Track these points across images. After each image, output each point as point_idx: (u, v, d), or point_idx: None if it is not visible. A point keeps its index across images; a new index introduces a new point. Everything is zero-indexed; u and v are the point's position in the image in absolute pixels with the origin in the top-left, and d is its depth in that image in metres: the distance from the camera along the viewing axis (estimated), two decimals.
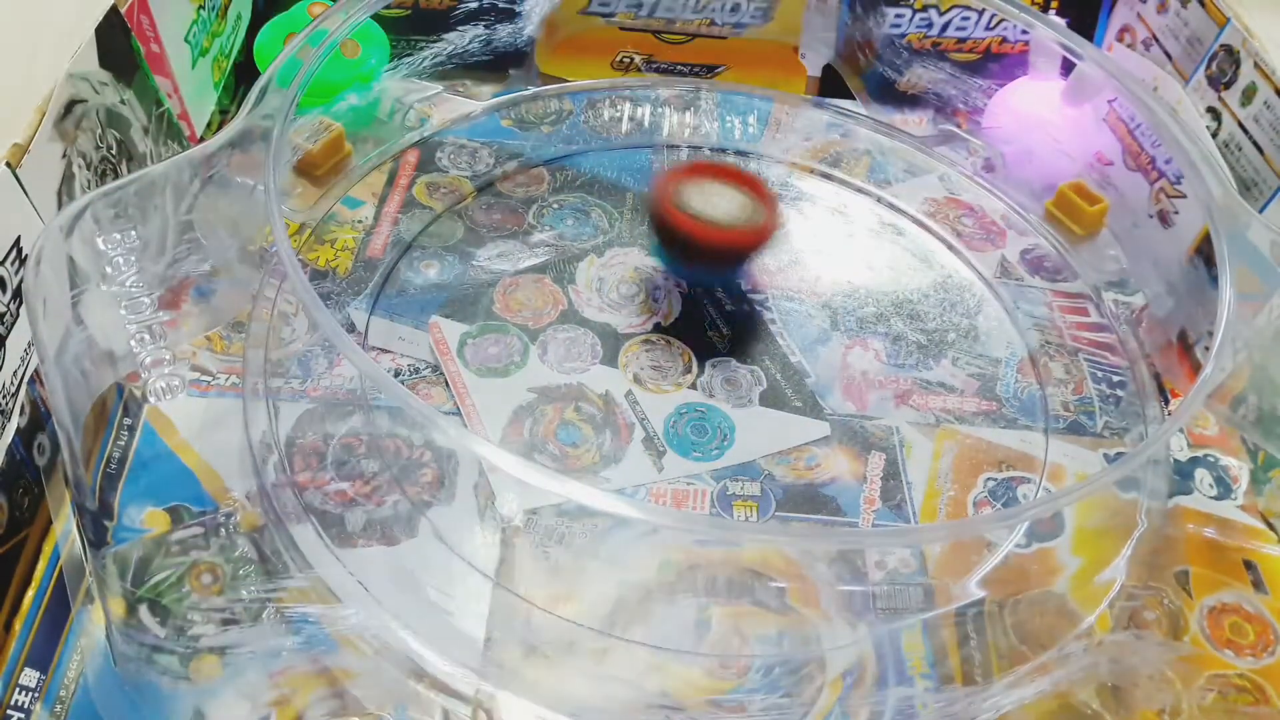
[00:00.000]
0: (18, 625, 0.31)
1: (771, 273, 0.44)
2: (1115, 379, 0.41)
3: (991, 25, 0.51)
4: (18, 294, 0.32)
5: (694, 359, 0.40)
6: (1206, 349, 0.37)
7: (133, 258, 0.31)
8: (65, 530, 0.32)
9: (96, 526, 0.32)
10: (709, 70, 0.53)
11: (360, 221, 0.44)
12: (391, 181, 0.46)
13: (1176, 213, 0.44)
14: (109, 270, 0.31)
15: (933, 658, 0.32)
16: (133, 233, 0.31)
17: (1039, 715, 0.31)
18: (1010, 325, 0.43)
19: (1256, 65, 0.44)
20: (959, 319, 0.43)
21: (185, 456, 0.35)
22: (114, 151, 0.38)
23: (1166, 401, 0.41)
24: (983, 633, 0.33)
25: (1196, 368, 0.41)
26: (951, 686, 0.32)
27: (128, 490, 0.34)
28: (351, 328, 0.40)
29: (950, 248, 0.46)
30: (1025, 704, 0.31)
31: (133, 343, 0.30)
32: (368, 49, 0.47)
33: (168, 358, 0.30)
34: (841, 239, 0.46)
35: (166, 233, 0.32)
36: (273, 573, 0.32)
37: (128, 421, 0.35)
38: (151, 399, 0.30)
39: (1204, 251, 0.42)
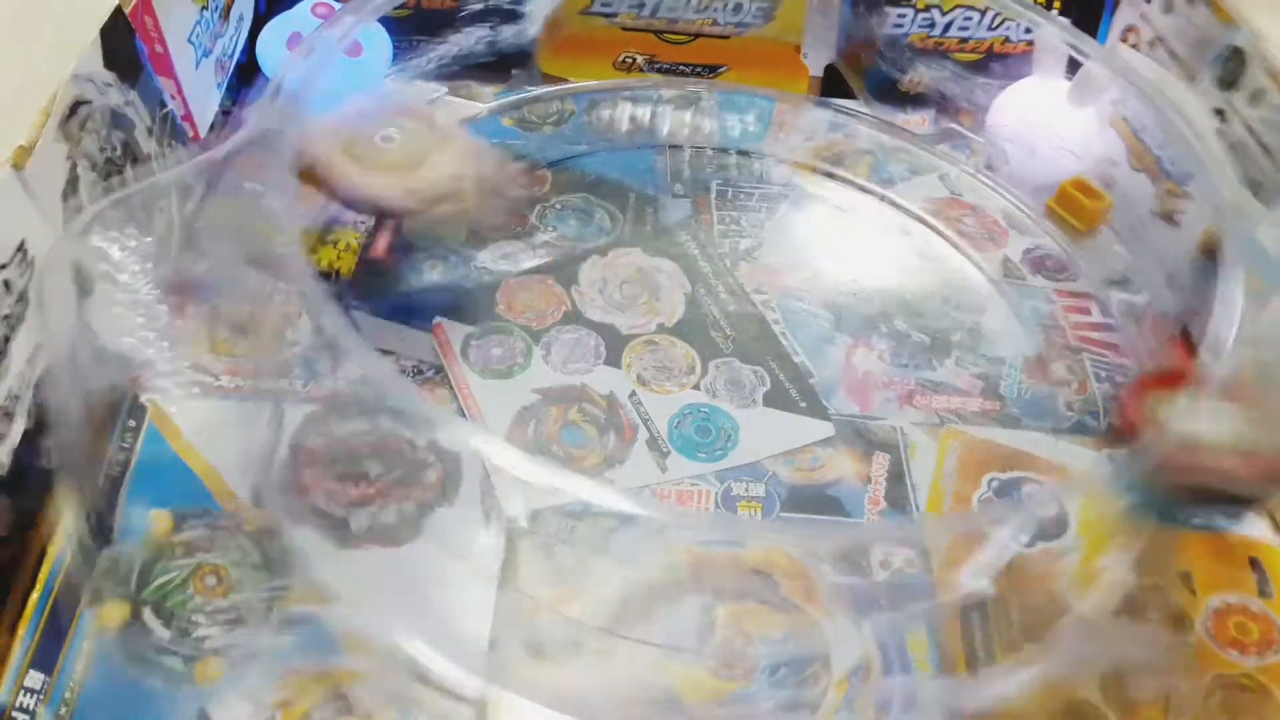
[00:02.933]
0: (22, 628, 0.31)
1: (775, 272, 0.44)
2: (1119, 379, 0.41)
3: (994, 25, 0.51)
4: (23, 297, 0.32)
5: (697, 359, 0.40)
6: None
7: (140, 262, 0.31)
8: (69, 532, 0.32)
9: (101, 528, 0.32)
10: (711, 70, 0.53)
11: (363, 222, 0.44)
12: None
13: (1183, 213, 0.44)
14: (116, 274, 0.31)
15: (937, 654, 0.32)
16: (141, 238, 0.31)
17: (1042, 709, 0.31)
18: (1014, 325, 0.43)
19: (1265, 67, 0.43)
20: (963, 319, 0.43)
21: (189, 459, 0.34)
22: (118, 153, 0.38)
23: None
24: (986, 629, 0.33)
25: None
26: (955, 682, 0.32)
27: (132, 492, 0.33)
28: (355, 329, 0.40)
29: (954, 247, 0.46)
30: (1028, 698, 0.31)
31: (139, 346, 0.30)
32: (371, 50, 0.47)
33: (173, 361, 0.30)
34: (844, 239, 0.46)
35: (173, 236, 0.32)
36: (277, 575, 0.32)
37: (132, 424, 0.35)
38: (160, 401, 0.30)
39: (1209, 250, 0.42)
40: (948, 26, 0.51)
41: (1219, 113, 0.46)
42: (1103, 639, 0.32)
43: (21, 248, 0.32)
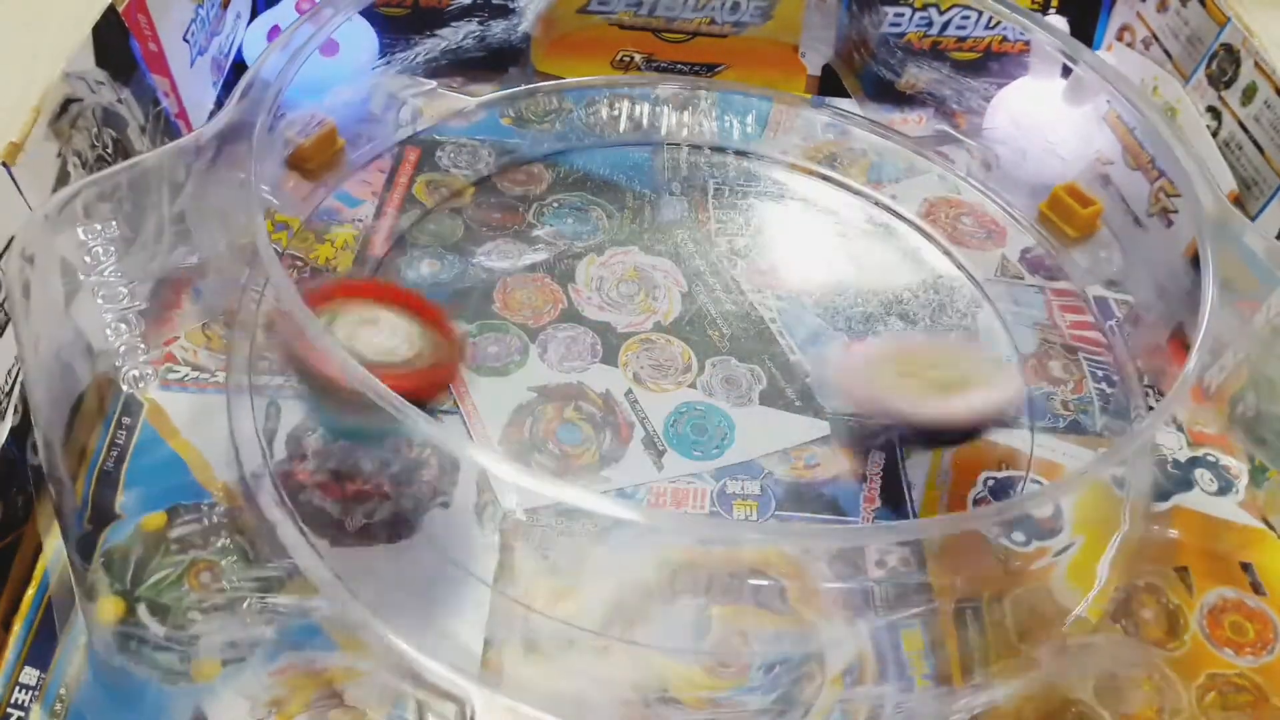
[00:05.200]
0: (17, 624, 0.30)
1: (771, 271, 0.44)
2: (1114, 378, 0.41)
3: (991, 24, 0.51)
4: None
5: (694, 358, 0.40)
6: None
7: (112, 248, 0.31)
8: (63, 529, 0.32)
9: (95, 524, 0.32)
10: (709, 69, 0.53)
11: (360, 220, 0.44)
12: (391, 180, 0.46)
13: (1176, 212, 0.44)
14: (88, 260, 0.30)
15: (931, 654, 0.32)
16: (113, 223, 0.31)
17: (1036, 711, 0.31)
18: (1009, 325, 0.43)
19: (1257, 64, 0.44)
20: (957, 319, 0.43)
21: (185, 454, 0.34)
22: (110, 150, 0.37)
23: None
24: (980, 629, 0.33)
25: None
26: (949, 683, 0.32)
27: (127, 488, 0.33)
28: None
29: (947, 250, 0.46)
30: (1022, 700, 0.31)
31: (108, 332, 0.30)
32: (351, 47, 0.47)
33: (142, 346, 0.30)
34: (840, 238, 0.46)
35: (154, 223, 0.32)
36: (271, 572, 0.32)
37: (126, 420, 0.35)
38: (125, 387, 0.30)
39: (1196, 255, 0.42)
40: (945, 25, 0.51)
41: (1212, 110, 0.46)
42: (1102, 645, 0.32)
43: (11, 244, 0.32)
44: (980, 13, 0.50)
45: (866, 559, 0.35)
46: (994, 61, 0.52)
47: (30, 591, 0.31)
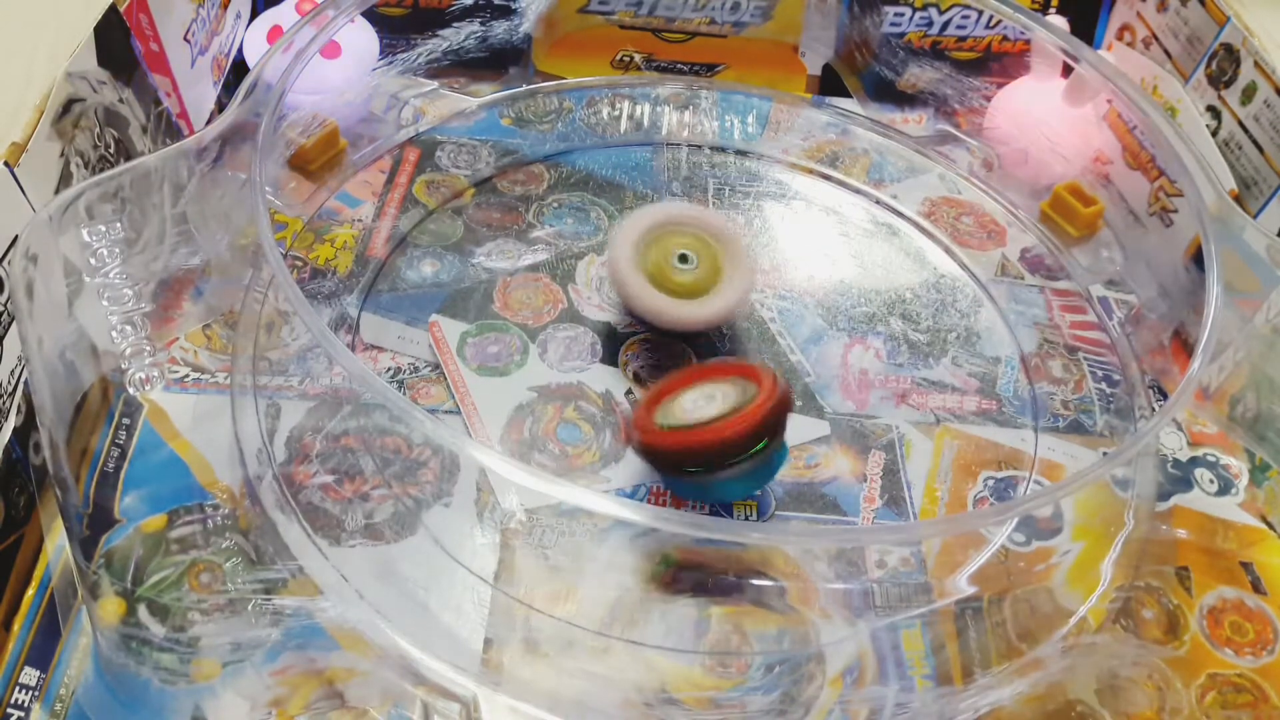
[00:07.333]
0: (18, 624, 0.31)
1: (771, 271, 0.44)
2: (1114, 378, 0.41)
3: (992, 24, 0.51)
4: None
5: (694, 358, 0.40)
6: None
7: (117, 249, 0.31)
8: (64, 529, 0.32)
9: (92, 525, 0.32)
10: (709, 69, 0.53)
11: (360, 220, 0.44)
12: (391, 180, 0.46)
13: (1175, 211, 0.44)
14: (93, 262, 0.31)
15: (931, 655, 0.32)
16: (118, 224, 0.31)
17: (1037, 712, 0.31)
18: (1010, 324, 0.43)
19: (1256, 64, 0.44)
20: (958, 319, 0.43)
21: (185, 455, 0.34)
22: (112, 150, 0.38)
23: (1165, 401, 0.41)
24: (981, 629, 0.33)
25: None
26: (950, 683, 0.32)
27: (127, 488, 0.33)
28: (351, 326, 0.40)
29: (948, 248, 0.46)
30: (1023, 700, 0.31)
31: (114, 334, 0.30)
32: (352, 49, 0.47)
33: (148, 348, 0.30)
34: (840, 238, 0.46)
35: (157, 224, 0.32)
36: (270, 572, 0.32)
37: (126, 421, 0.35)
38: (131, 389, 0.30)
39: (1198, 255, 0.42)
40: (945, 25, 0.51)
41: (1212, 110, 0.46)
42: (1102, 646, 0.32)
43: (14, 244, 0.32)
44: (980, 12, 0.50)
45: (866, 559, 0.35)
46: (994, 61, 0.52)
47: (30, 591, 0.31)
